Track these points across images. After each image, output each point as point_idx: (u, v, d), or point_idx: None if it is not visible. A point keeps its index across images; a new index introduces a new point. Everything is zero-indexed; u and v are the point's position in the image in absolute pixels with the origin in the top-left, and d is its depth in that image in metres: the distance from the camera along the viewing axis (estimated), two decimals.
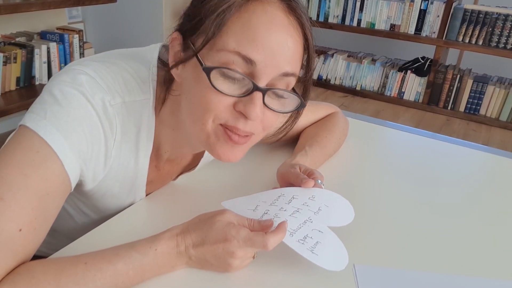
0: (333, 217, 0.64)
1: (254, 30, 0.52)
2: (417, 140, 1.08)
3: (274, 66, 0.54)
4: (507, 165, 0.98)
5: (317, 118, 0.95)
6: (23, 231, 0.49)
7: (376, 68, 3.32)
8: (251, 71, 0.54)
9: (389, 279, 0.60)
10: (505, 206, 0.82)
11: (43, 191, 0.51)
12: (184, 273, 0.57)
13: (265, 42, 0.52)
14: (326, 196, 0.68)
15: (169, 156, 0.70)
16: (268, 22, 0.53)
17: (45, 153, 0.51)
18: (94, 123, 0.56)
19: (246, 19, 0.53)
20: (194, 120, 0.58)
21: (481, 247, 0.69)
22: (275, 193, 0.68)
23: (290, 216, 0.62)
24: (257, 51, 0.52)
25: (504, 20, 2.85)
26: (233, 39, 0.52)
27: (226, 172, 0.84)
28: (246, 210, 0.63)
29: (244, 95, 0.54)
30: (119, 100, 0.59)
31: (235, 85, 0.54)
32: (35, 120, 0.52)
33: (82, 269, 0.50)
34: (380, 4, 3.18)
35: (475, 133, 2.88)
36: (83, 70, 0.57)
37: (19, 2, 1.86)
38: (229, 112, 0.55)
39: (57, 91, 0.55)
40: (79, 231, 0.67)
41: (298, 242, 0.58)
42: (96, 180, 0.61)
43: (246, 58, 0.52)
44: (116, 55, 0.64)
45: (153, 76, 0.62)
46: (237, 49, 0.52)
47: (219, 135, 0.57)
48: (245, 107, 0.54)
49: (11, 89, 2.08)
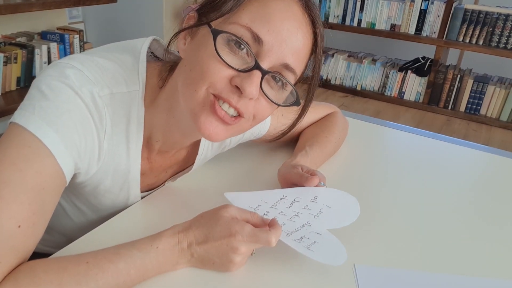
0: (334, 219, 0.64)
1: (269, 13, 0.55)
2: (418, 140, 1.08)
3: (279, 53, 0.55)
4: (508, 165, 0.98)
5: (317, 118, 0.95)
6: (22, 227, 0.49)
7: (377, 68, 3.31)
8: (257, 51, 0.55)
9: (389, 279, 0.60)
10: (506, 206, 0.82)
11: (39, 185, 0.50)
12: (184, 273, 0.57)
13: (277, 26, 0.55)
14: (329, 195, 0.68)
15: (160, 146, 0.69)
16: (284, 10, 0.55)
17: (37, 147, 0.51)
18: (84, 116, 0.55)
19: (264, 1, 0.56)
20: (188, 84, 0.57)
21: (482, 247, 0.69)
22: (278, 194, 0.68)
23: (289, 220, 0.62)
24: (268, 32, 0.54)
25: (504, 20, 2.85)
26: (247, 16, 0.55)
27: (225, 173, 0.84)
28: (247, 207, 0.63)
29: (244, 70, 0.55)
30: (107, 92, 0.58)
31: (237, 60, 0.55)
32: (24, 116, 0.52)
33: (84, 268, 0.50)
34: (380, 4, 3.18)
35: (476, 133, 2.88)
36: (70, 64, 0.57)
37: (19, 2, 1.87)
38: (225, 84, 0.55)
39: (44, 86, 0.54)
40: (76, 230, 0.67)
41: (294, 241, 0.58)
42: (89, 173, 0.61)
43: (256, 36, 0.54)
44: (104, 49, 0.63)
45: (143, 68, 0.62)
46: (249, 24, 0.54)
47: (207, 104, 0.56)
48: (242, 82, 0.54)
49: (11, 89, 2.08)
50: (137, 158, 0.66)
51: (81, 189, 0.65)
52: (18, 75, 2.09)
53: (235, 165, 0.87)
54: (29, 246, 0.51)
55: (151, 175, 0.73)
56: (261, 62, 0.55)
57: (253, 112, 0.58)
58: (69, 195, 0.70)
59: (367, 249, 0.66)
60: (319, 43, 0.60)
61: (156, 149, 0.69)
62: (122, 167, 0.65)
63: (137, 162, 0.66)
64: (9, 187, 0.48)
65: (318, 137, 0.88)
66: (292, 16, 0.56)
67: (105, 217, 0.70)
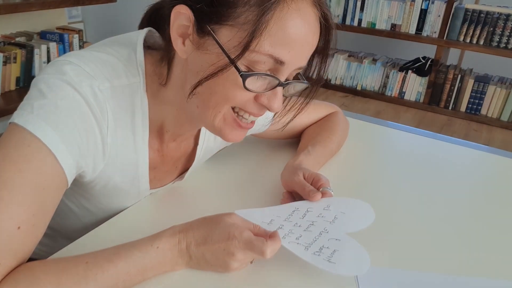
0: (351, 223, 0.64)
1: (289, 34, 0.53)
2: (418, 140, 1.07)
3: (297, 63, 0.57)
4: (508, 165, 0.97)
5: (319, 117, 0.95)
6: (22, 229, 0.48)
7: (377, 68, 3.31)
8: (276, 67, 0.56)
9: (390, 279, 0.60)
10: (506, 206, 0.81)
11: (39, 186, 0.50)
12: (184, 273, 0.57)
13: (298, 46, 0.54)
14: (342, 203, 0.68)
15: (171, 135, 0.69)
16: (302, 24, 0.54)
17: (36, 147, 0.50)
18: (84, 112, 0.55)
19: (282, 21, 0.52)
20: (210, 107, 0.58)
21: (482, 247, 0.69)
22: (289, 207, 0.67)
23: (305, 231, 0.61)
24: (289, 53, 0.54)
25: (505, 20, 2.85)
26: (268, 41, 0.52)
27: (228, 171, 0.83)
28: (261, 222, 0.61)
29: (267, 90, 0.57)
30: (107, 85, 0.57)
31: (261, 82, 0.56)
32: (22, 115, 0.52)
33: (84, 268, 0.50)
34: (381, 4, 3.18)
35: (476, 133, 2.87)
36: (67, 60, 0.56)
37: (19, 2, 1.86)
38: (252, 103, 0.58)
39: (43, 85, 0.54)
40: (83, 230, 0.66)
41: (313, 254, 0.57)
42: (96, 170, 0.60)
43: (278, 60, 0.54)
44: (101, 43, 0.63)
45: (141, 59, 0.61)
46: (270, 52, 0.53)
47: (228, 119, 0.59)
48: (269, 101, 0.58)
49: (11, 89, 2.08)
50: (145, 151, 0.65)
51: (91, 189, 0.65)
52: (18, 75, 2.09)
53: (239, 163, 0.86)
54: (29, 248, 0.50)
55: (162, 169, 0.72)
56: (282, 75, 0.56)
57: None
58: (80, 200, 0.69)
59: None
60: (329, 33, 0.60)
61: (166, 139, 0.69)
62: (130, 161, 0.64)
63: (145, 155, 0.65)
64: (9, 188, 0.48)
65: (320, 137, 0.88)
66: (308, 23, 0.54)
67: (114, 216, 0.69)
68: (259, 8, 0.51)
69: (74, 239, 0.63)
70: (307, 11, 0.54)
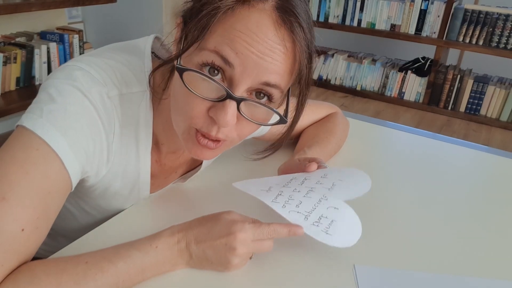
0: (349, 190, 0.64)
1: (236, 36, 0.50)
2: (418, 140, 1.08)
3: (254, 75, 0.51)
4: (508, 165, 0.98)
5: (318, 117, 0.95)
6: (26, 231, 0.48)
7: (377, 68, 3.31)
8: (231, 74, 0.51)
9: (389, 280, 0.60)
10: (506, 206, 0.82)
11: (45, 190, 0.50)
12: (184, 273, 0.57)
13: (245, 51, 0.50)
14: (338, 171, 0.68)
15: (167, 148, 0.69)
16: (254, 31, 0.50)
17: (44, 151, 0.51)
18: (93, 118, 0.55)
19: (231, 22, 0.50)
20: (174, 114, 0.57)
21: (482, 247, 0.69)
22: (287, 177, 0.68)
23: (304, 196, 0.61)
24: (236, 55, 0.50)
25: (504, 20, 2.85)
26: (214, 39, 0.51)
27: (228, 171, 0.84)
28: (260, 190, 0.61)
29: (218, 100, 0.52)
30: (116, 92, 0.58)
31: (213, 87, 0.52)
32: (31, 119, 0.52)
33: (83, 268, 0.50)
34: (380, 4, 3.18)
35: (476, 133, 2.88)
36: (77, 65, 0.56)
37: (19, 2, 1.86)
38: (203, 117, 0.53)
39: (53, 89, 0.54)
40: (82, 230, 0.66)
41: (313, 225, 0.58)
42: (99, 176, 0.61)
43: (225, 59, 0.50)
44: (110, 49, 0.63)
45: (148, 68, 0.61)
46: (217, 48, 0.50)
47: (191, 134, 0.56)
48: (216, 113, 0.52)
49: (11, 89, 2.08)
50: (147, 161, 0.66)
51: (91, 193, 0.65)
52: (18, 75, 2.09)
53: (238, 166, 0.87)
54: (31, 250, 0.51)
55: (161, 177, 0.73)
56: (236, 87, 0.51)
57: (236, 133, 0.56)
58: (78, 202, 0.70)
59: (367, 249, 0.65)
60: (301, 59, 0.53)
61: (164, 151, 0.69)
62: (131, 169, 0.65)
63: (147, 165, 0.66)
64: (15, 190, 0.48)
65: (317, 138, 0.88)
66: (262, 36, 0.50)
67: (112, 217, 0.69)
68: (212, 6, 0.50)
69: (74, 239, 0.63)
70: (261, 18, 0.50)
